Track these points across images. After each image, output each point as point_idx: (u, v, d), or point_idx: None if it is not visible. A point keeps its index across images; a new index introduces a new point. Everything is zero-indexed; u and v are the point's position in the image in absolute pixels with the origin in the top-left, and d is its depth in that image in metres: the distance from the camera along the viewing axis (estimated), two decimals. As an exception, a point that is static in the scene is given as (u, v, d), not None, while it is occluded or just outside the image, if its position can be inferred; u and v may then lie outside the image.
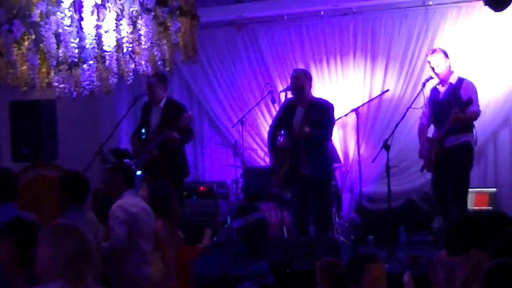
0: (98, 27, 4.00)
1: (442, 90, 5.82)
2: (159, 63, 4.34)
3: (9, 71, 4.20)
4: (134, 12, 4.08)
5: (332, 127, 6.03)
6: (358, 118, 6.57)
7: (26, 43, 4.04)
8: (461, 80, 5.76)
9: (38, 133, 6.88)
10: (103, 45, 4.02)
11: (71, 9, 3.98)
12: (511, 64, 6.62)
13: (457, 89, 5.71)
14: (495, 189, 6.61)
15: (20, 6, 3.99)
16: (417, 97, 6.05)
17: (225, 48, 7.63)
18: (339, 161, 7.03)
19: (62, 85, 4.22)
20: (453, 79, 5.77)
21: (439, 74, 5.76)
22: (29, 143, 6.87)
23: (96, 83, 4.15)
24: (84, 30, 3.97)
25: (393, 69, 7.06)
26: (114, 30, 4.02)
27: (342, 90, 7.21)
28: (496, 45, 6.65)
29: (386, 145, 5.82)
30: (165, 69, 4.50)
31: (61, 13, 3.94)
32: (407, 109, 6.07)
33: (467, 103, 5.46)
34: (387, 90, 6.92)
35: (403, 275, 4.15)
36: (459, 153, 5.68)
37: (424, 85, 5.91)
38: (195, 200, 7.16)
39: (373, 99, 7.00)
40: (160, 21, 4.22)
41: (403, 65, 7.01)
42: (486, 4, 4.64)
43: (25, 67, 4.12)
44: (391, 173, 5.91)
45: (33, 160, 6.95)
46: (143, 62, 4.24)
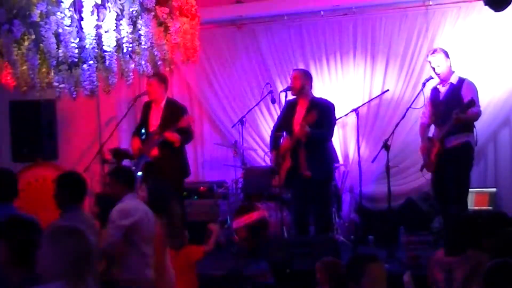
0: (98, 27, 4.00)
1: (442, 90, 5.82)
2: (159, 63, 4.34)
3: (9, 71, 4.21)
4: (134, 12, 4.08)
5: (333, 127, 6.04)
6: (358, 118, 6.57)
7: (26, 43, 4.04)
8: (461, 80, 5.76)
9: (38, 133, 6.89)
10: (103, 45, 4.02)
11: (71, 9, 3.97)
12: (511, 64, 6.62)
13: (458, 89, 5.71)
14: (495, 189, 6.61)
15: (20, 6, 3.99)
16: (417, 97, 6.06)
17: (225, 48, 7.63)
18: (337, 161, 7.02)
19: (62, 85, 4.22)
20: (453, 79, 5.77)
21: (439, 74, 5.77)
22: (29, 143, 6.88)
23: (96, 83, 4.15)
24: (84, 30, 3.97)
25: (393, 69, 7.06)
26: (114, 30, 4.02)
27: (342, 90, 7.21)
28: (496, 45, 6.64)
29: (386, 145, 5.83)
30: (165, 69, 4.51)
31: (61, 13, 3.94)
32: (407, 109, 6.08)
33: (469, 104, 5.46)
34: (387, 90, 6.92)
35: (403, 275, 4.16)
36: (459, 153, 5.68)
37: (424, 85, 5.92)
38: (195, 200, 7.16)
39: (373, 99, 7.00)
40: (160, 21, 4.22)
41: (403, 65, 7.01)
42: (486, 4, 4.63)
43: (25, 67, 4.12)
44: (391, 173, 5.92)
45: (33, 160, 6.96)
46: (143, 62, 4.24)
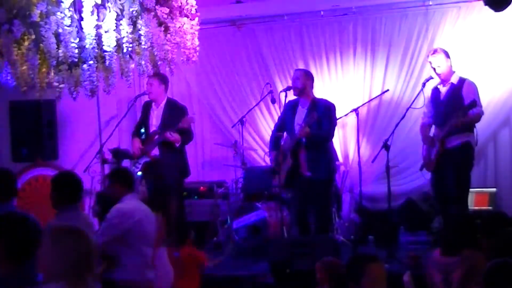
0: (98, 27, 3.99)
1: (443, 90, 5.82)
2: (159, 63, 4.34)
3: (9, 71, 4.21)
4: (134, 12, 4.07)
5: (333, 128, 6.05)
6: (358, 118, 6.57)
7: (26, 43, 4.04)
8: (462, 80, 5.76)
9: (38, 133, 6.89)
10: (103, 45, 4.01)
11: (71, 9, 3.97)
12: (511, 64, 6.62)
13: (459, 89, 5.71)
14: (495, 189, 6.61)
15: (20, 6, 3.98)
16: (417, 97, 6.06)
17: (225, 48, 7.63)
18: (337, 160, 7.02)
19: (62, 85, 4.22)
20: (454, 79, 5.77)
21: (440, 74, 5.77)
22: (29, 143, 6.88)
23: (96, 83, 4.15)
24: (84, 30, 3.96)
25: (393, 69, 7.05)
26: (114, 30, 4.02)
27: (342, 90, 7.20)
28: (496, 45, 6.64)
29: (386, 145, 5.83)
30: (165, 69, 4.51)
31: (61, 13, 3.93)
32: (407, 109, 6.08)
33: (470, 106, 5.46)
34: (387, 90, 6.92)
35: (403, 275, 4.16)
36: (459, 153, 5.68)
37: (424, 85, 5.92)
38: (195, 200, 7.16)
39: (373, 99, 7.00)
40: (160, 21, 4.21)
41: (403, 65, 7.01)
42: (486, 4, 4.63)
43: (25, 67, 4.11)
44: (391, 173, 5.92)
45: (33, 160, 6.96)
46: (143, 62, 4.23)
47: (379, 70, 7.10)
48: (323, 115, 5.83)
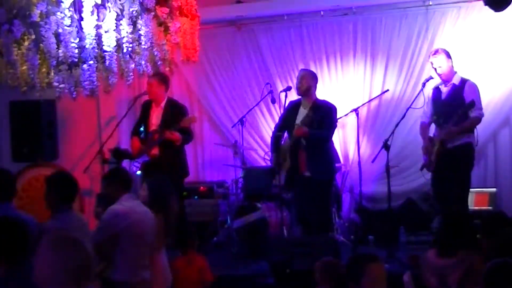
0: (98, 27, 4.00)
1: (444, 90, 5.82)
2: (159, 63, 4.34)
3: (9, 71, 4.21)
4: (134, 12, 4.08)
5: (333, 129, 6.05)
6: (358, 118, 6.56)
7: (26, 43, 4.04)
8: (464, 81, 5.76)
9: (38, 133, 6.89)
10: (103, 45, 4.02)
11: (71, 9, 3.97)
12: (511, 64, 6.62)
13: (460, 90, 5.71)
14: (495, 189, 6.61)
15: (20, 6, 3.99)
16: (417, 97, 6.06)
17: (225, 48, 7.62)
18: (338, 161, 7.02)
19: (62, 85, 4.23)
20: (456, 80, 5.77)
21: (441, 74, 5.77)
22: (29, 143, 6.88)
23: (96, 83, 4.15)
24: (84, 30, 3.96)
25: (393, 69, 7.05)
26: (114, 30, 4.02)
27: (342, 90, 7.20)
28: (496, 45, 6.64)
29: (386, 145, 5.82)
30: (165, 69, 4.51)
31: (61, 13, 3.94)
32: (407, 109, 6.07)
33: (469, 105, 5.46)
34: (387, 90, 6.92)
35: (403, 275, 4.16)
36: (460, 153, 5.68)
37: (424, 85, 5.92)
38: (195, 200, 7.16)
39: (373, 99, 7.00)
40: (160, 21, 4.22)
41: (403, 65, 7.01)
42: (486, 4, 4.63)
43: (25, 67, 4.12)
44: (391, 173, 5.92)
45: (33, 160, 6.96)
46: (143, 62, 4.24)
47: (379, 70, 7.09)
48: (324, 116, 5.84)
